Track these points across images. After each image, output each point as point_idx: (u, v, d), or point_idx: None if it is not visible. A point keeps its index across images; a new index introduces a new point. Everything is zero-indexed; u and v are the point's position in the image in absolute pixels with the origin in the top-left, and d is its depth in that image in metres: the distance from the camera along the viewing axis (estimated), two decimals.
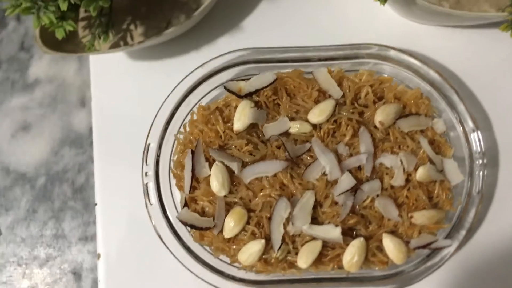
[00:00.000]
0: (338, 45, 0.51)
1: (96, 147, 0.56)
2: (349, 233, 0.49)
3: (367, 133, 0.50)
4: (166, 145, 0.51)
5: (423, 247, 0.47)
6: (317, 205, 0.49)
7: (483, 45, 0.56)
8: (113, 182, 0.55)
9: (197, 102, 0.52)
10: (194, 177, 0.49)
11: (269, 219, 0.48)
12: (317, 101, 0.51)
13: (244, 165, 0.50)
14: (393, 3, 0.54)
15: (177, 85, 0.51)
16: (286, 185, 0.49)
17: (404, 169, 0.48)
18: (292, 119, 0.50)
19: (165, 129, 0.51)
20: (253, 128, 0.51)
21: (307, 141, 0.50)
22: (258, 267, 0.49)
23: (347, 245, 0.48)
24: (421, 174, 0.48)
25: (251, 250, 0.48)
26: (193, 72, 0.51)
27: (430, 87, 0.51)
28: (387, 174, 0.49)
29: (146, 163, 0.51)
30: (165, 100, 0.51)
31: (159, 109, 0.51)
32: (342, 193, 0.48)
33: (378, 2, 0.49)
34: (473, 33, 0.56)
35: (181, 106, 0.51)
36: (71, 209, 0.57)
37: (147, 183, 0.50)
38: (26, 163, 0.58)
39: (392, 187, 0.49)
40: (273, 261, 0.49)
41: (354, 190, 0.48)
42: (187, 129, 0.52)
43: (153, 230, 0.50)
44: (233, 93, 0.50)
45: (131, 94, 0.57)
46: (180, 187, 0.51)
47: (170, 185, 0.51)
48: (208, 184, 0.49)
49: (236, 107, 0.51)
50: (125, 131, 0.56)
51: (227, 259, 0.50)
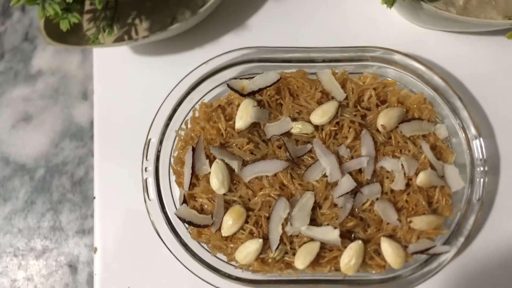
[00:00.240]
0: (343, 47, 0.51)
1: (96, 140, 0.56)
2: (347, 236, 0.49)
3: (369, 136, 0.49)
4: (167, 141, 0.51)
5: (421, 252, 0.47)
6: (316, 206, 0.49)
7: (488, 52, 0.56)
8: (113, 176, 0.55)
9: (200, 99, 0.52)
10: (194, 174, 0.49)
11: (268, 218, 0.48)
12: (320, 102, 0.50)
13: (245, 163, 0.50)
14: (399, 7, 0.54)
15: (180, 81, 0.51)
16: (286, 185, 0.49)
17: (404, 174, 0.48)
18: (294, 119, 0.50)
19: (166, 125, 0.51)
20: (254, 127, 0.51)
21: (309, 142, 0.50)
22: (255, 266, 0.48)
23: (345, 247, 0.48)
24: (421, 179, 0.48)
25: (249, 249, 0.48)
26: (196, 68, 0.51)
27: (433, 92, 0.51)
28: (387, 178, 0.49)
29: (146, 158, 0.50)
30: (167, 96, 0.51)
31: (161, 104, 0.51)
32: (342, 195, 0.48)
33: (385, 5, 0.49)
34: (479, 40, 0.56)
35: (183, 103, 0.51)
36: (69, 201, 0.57)
37: (146, 178, 0.50)
38: (26, 154, 0.58)
39: (392, 191, 0.49)
40: (270, 261, 0.48)
41: (354, 192, 0.48)
42: (189, 126, 0.52)
43: (151, 226, 0.49)
44: (236, 91, 0.50)
45: (133, 89, 0.57)
46: (180, 184, 0.51)
47: (169, 181, 0.51)
48: (208, 182, 0.49)
49: (238, 105, 0.51)
50: (126, 125, 0.56)
51: (224, 258, 0.50)
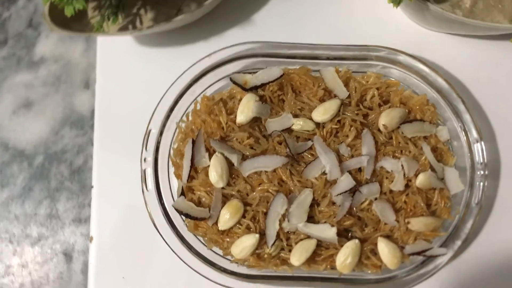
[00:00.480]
0: (347, 45, 0.51)
1: (97, 129, 0.56)
2: (344, 234, 0.48)
3: (370, 136, 0.49)
4: (167, 132, 0.51)
5: (418, 253, 0.47)
6: (314, 203, 0.48)
7: (493, 57, 0.55)
8: (111, 166, 0.55)
9: (202, 92, 0.52)
10: (193, 166, 0.49)
11: (265, 214, 0.48)
12: (322, 100, 0.50)
13: (244, 158, 0.49)
14: (405, 7, 0.54)
15: (183, 73, 0.51)
16: (285, 182, 0.49)
17: (404, 174, 0.48)
18: (295, 116, 0.50)
19: (167, 116, 0.51)
20: (255, 122, 0.51)
21: (309, 139, 0.50)
22: (251, 261, 0.48)
23: (342, 246, 0.47)
24: (421, 180, 0.48)
25: (245, 244, 0.47)
26: (200, 61, 0.51)
27: (437, 94, 0.50)
28: (387, 178, 0.49)
29: (146, 149, 0.50)
30: (169, 87, 0.51)
31: (163, 95, 0.50)
32: (341, 194, 0.47)
33: (391, 5, 0.49)
34: (484, 44, 0.56)
35: (185, 95, 0.51)
36: (67, 190, 0.57)
37: (145, 169, 0.50)
38: (25, 140, 0.58)
39: (391, 191, 0.49)
40: (266, 256, 0.48)
41: (353, 191, 0.48)
42: (190, 118, 0.52)
43: (148, 217, 0.49)
44: (238, 85, 0.50)
45: (136, 79, 0.57)
46: (178, 176, 0.51)
47: (168, 173, 0.51)
48: (207, 175, 0.49)
49: (240, 99, 0.50)
50: (127, 116, 0.56)
51: (220, 252, 0.50)
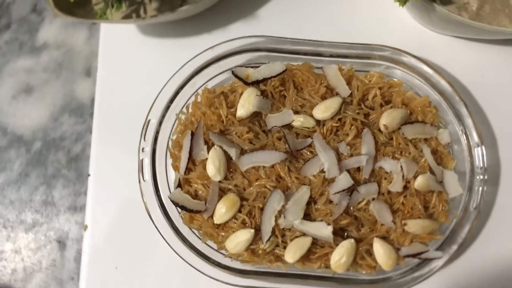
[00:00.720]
0: (351, 43, 0.51)
1: (96, 118, 0.56)
2: (340, 233, 0.48)
3: (370, 135, 0.49)
4: (167, 123, 0.51)
5: (413, 256, 0.46)
6: (311, 201, 0.48)
7: (497, 61, 0.55)
8: (109, 155, 0.55)
9: (203, 84, 0.52)
10: (191, 158, 0.49)
11: (262, 209, 0.48)
12: (323, 97, 0.50)
13: (243, 152, 0.49)
14: (411, 8, 0.54)
15: (184, 64, 0.50)
16: (283, 178, 0.49)
17: (403, 176, 0.48)
18: (296, 112, 0.50)
19: (167, 107, 0.50)
20: (256, 116, 0.50)
21: (309, 136, 0.49)
22: (245, 256, 0.48)
23: (337, 245, 0.47)
24: (420, 182, 0.47)
25: (240, 238, 0.47)
26: (202, 53, 0.50)
27: (439, 97, 0.50)
28: (385, 178, 0.49)
29: (144, 139, 0.50)
30: (170, 78, 0.50)
31: (164, 86, 0.50)
32: (338, 192, 0.47)
33: (397, 4, 0.48)
34: (489, 48, 0.55)
35: (186, 86, 0.51)
36: (64, 177, 0.56)
37: (142, 159, 0.50)
38: (24, 126, 0.57)
39: (389, 192, 0.48)
40: (260, 252, 0.48)
41: (351, 190, 0.47)
42: (190, 110, 0.51)
43: (143, 208, 0.49)
44: (240, 79, 0.50)
45: (138, 69, 0.56)
46: (176, 168, 0.50)
47: (166, 164, 0.51)
48: (204, 168, 0.49)
49: (241, 93, 0.50)
50: (127, 105, 0.55)
51: (215, 246, 0.49)
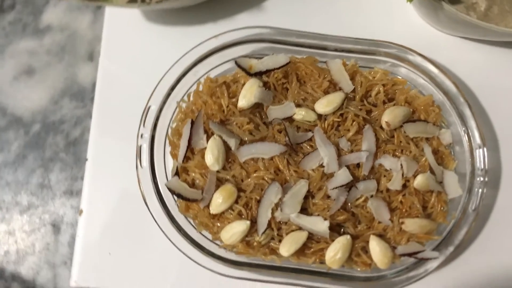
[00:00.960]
0: (357, 38, 0.50)
1: (96, 103, 0.55)
2: (336, 229, 0.48)
3: (371, 132, 0.48)
4: (167, 110, 0.50)
5: (409, 255, 0.46)
6: (309, 195, 0.48)
7: (503, 64, 0.54)
8: (108, 141, 0.54)
9: (206, 73, 0.51)
10: (189, 147, 0.48)
11: (258, 202, 0.47)
12: (326, 92, 0.49)
13: (242, 143, 0.49)
14: (419, 6, 0.53)
15: (187, 52, 0.50)
16: (281, 171, 0.48)
17: (403, 174, 0.47)
18: (298, 105, 0.49)
19: (168, 94, 0.50)
20: (257, 108, 0.50)
21: (310, 130, 0.49)
22: (239, 248, 0.47)
23: (333, 240, 0.47)
24: (419, 181, 0.47)
25: (235, 229, 0.47)
26: (206, 41, 0.50)
27: (443, 97, 0.50)
28: (385, 176, 0.48)
29: (144, 125, 0.49)
30: (173, 65, 0.50)
31: (166, 72, 0.50)
32: (336, 188, 0.47)
33: (405, 2, 0.48)
34: (495, 51, 0.55)
35: (188, 74, 0.50)
36: (61, 161, 0.56)
37: (141, 145, 0.49)
38: (24, 108, 0.57)
39: (388, 190, 0.48)
40: (255, 244, 0.48)
41: (349, 186, 0.47)
42: (191, 99, 0.51)
43: (140, 195, 0.49)
44: (243, 69, 0.49)
45: (141, 56, 0.56)
46: (174, 155, 0.50)
47: (164, 151, 0.50)
48: (203, 157, 0.48)
49: (244, 84, 0.50)
50: (128, 91, 0.55)
51: (210, 236, 0.49)
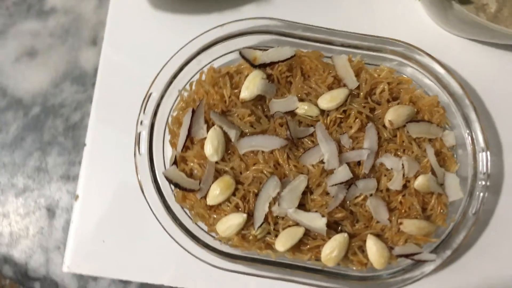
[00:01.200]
0: (364, 35, 0.49)
1: (97, 88, 0.55)
2: (333, 227, 0.47)
3: (374, 130, 0.48)
4: (168, 98, 0.49)
5: (406, 256, 0.45)
6: (307, 191, 0.47)
7: (510, 69, 0.54)
8: (107, 127, 0.54)
9: (209, 63, 0.51)
10: (189, 136, 0.48)
11: (256, 195, 0.47)
12: (330, 87, 0.49)
13: (243, 135, 0.48)
14: (429, 5, 0.52)
15: (192, 40, 0.49)
16: (281, 165, 0.48)
17: (404, 174, 0.47)
18: (301, 100, 0.48)
19: (170, 82, 0.49)
20: (259, 100, 0.49)
21: (312, 125, 0.48)
22: (235, 241, 0.47)
23: (329, 238, 0.46)
24: (420, 182, 0.46)
25: (231, 222, 0.46)
26: (211, 30, 0.49)
27: (449, 98, 0.49)
28: (385, 175, 0.47)
29: (144, 112, 0.49)
30: (176, 52, 0.49)
31: (169, 60, 0.49)
32: (336, 185, 0.46)
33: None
34: (503, 54, 0.54)
35: (191, 63, 0.50)
36: (60, 145, 0.55)
37: (140, 132, 0.49)
38: (24, 89, 0.56)
39: (388, 189, 0.47)
40: (251, 238, 0.47)
41: (349, 184, 0.46)
42: (193, 88, 0.50)
43: (137, 182, 0.48)
44: (247, 60, 0.48)
45: (144, 43, 0.55)
46: (173, 144, 0.49)
47: (163, 140, 0.50)
48: (202, 147, 0.48)
49: (247, 76, 0.49)
50: (130, 78, 0.54)
51: (205, 228, 0.48)
